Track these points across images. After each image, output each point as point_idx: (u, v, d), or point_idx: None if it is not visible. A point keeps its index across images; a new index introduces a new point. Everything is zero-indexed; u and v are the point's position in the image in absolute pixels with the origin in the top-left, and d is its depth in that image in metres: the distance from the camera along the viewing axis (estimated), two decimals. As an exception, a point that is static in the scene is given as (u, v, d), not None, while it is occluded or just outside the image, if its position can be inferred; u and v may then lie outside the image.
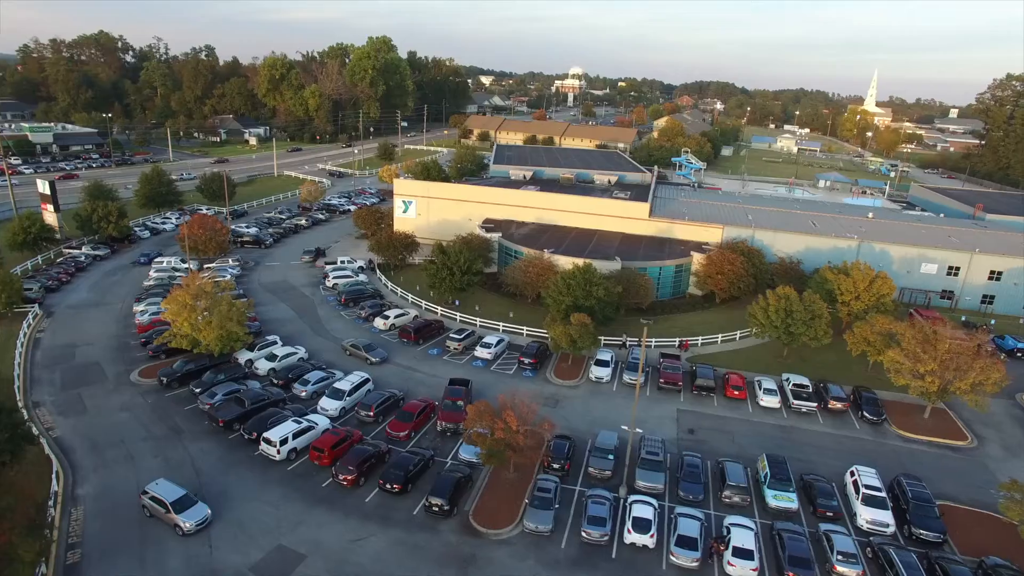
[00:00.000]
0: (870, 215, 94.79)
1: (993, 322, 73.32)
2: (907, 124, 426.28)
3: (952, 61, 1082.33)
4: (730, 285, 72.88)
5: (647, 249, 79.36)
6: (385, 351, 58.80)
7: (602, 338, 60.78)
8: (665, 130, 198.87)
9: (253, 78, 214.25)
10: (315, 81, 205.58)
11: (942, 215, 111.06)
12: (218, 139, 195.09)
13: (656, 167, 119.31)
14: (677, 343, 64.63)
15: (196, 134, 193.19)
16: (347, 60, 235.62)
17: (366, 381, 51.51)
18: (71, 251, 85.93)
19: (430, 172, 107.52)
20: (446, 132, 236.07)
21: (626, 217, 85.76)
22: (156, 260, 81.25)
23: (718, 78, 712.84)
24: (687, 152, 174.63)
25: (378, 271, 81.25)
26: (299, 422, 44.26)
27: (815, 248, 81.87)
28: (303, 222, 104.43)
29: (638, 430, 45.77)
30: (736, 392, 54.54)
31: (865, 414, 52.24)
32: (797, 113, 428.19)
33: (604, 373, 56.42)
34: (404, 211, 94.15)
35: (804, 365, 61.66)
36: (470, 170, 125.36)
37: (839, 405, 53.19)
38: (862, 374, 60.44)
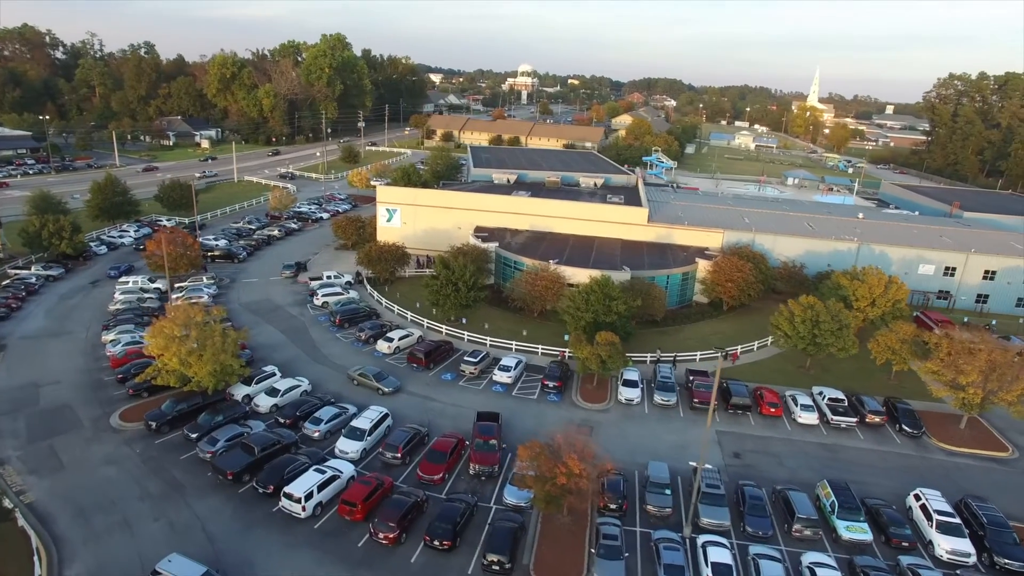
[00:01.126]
0: (860, 215, 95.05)
1: (994, 322, 73.85)
2: (848, 120, 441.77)
3: (886, 59, 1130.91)
4: (740, 293, 70.96)
5: (651, 257, 76.69)
6: (397, 379, 53.93)
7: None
8: (632, 129, 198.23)
9: (202, 77, 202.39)
10: (269, 80, 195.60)
11: (916, 212, 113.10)
12: (168, 142, 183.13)
13: (637, 168, 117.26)
14: (724, 354, 61.97)
15: (143, 137, 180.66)
16: (299, 59, 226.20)
17: (385, 416, 46.70)
18: (19, 272, 77.20)
19: (411, 178, 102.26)
20: (407, 132, 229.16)
21: (624, 223, 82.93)
22: (121, 280, 73.68)
23: (664, 75, 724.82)
24: (657, 151, 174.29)
25: (368, 285, 75.92)
26: (322, 471, 39.24)
27: (815, 251, 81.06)
28: (276, 232, 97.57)
29: (707, 466, 42.45)
30: (772, 409, 52.25)
31: (904, 427, 50.73)
32: (748, 110, 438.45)
33: (634, 394, 53.19)
34: (388, 220, 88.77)
35: (827, 375, 60.20)
36: (446, 173, 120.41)
37: (877, 419, 51.56)
38: (886, 383, 59.33)
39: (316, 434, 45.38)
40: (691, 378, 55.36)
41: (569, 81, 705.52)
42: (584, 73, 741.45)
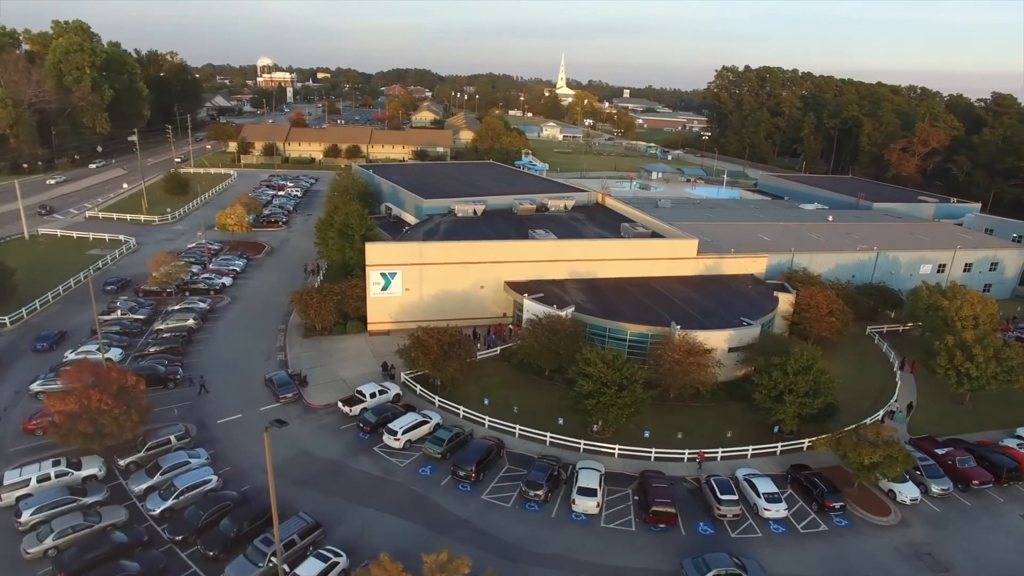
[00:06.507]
0: (830, 218, 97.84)
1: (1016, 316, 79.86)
2: (599, 103, 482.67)
3: (609, 47, 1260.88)
4: (842, 326, 65.78)
5: (730, 296, 67.41)
6: (752, 559, 36.28)
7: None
8: (484, 130, 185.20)
9: None
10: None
11: (815, 205, 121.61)
12: None
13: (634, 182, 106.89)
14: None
15: None
16: (20, 50, 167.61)
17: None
18: None
19: (365, 223, 75.84)
20: (209, 147, 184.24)
21: (673, 258, 72.34)
22: (11, 481, 40.77)
23: (406, 65, 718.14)
24: (528, 154, 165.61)
25: (437, 396, 53.44)
26: None
27: (843, 264, 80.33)
28: (190, 322, 65.93)
29: None
30: (1041, 476, 47.13)
31: None
32: (522, 98, 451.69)
33: (916, 492, 43.84)
34: (384, 287, 65.48)
35: (983, 408, 57.48)
36: (369, 203, 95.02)
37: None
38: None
39: None
40: (944, 451, 47.61)
41: (319, 75, 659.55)
42: (327, 66, 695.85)
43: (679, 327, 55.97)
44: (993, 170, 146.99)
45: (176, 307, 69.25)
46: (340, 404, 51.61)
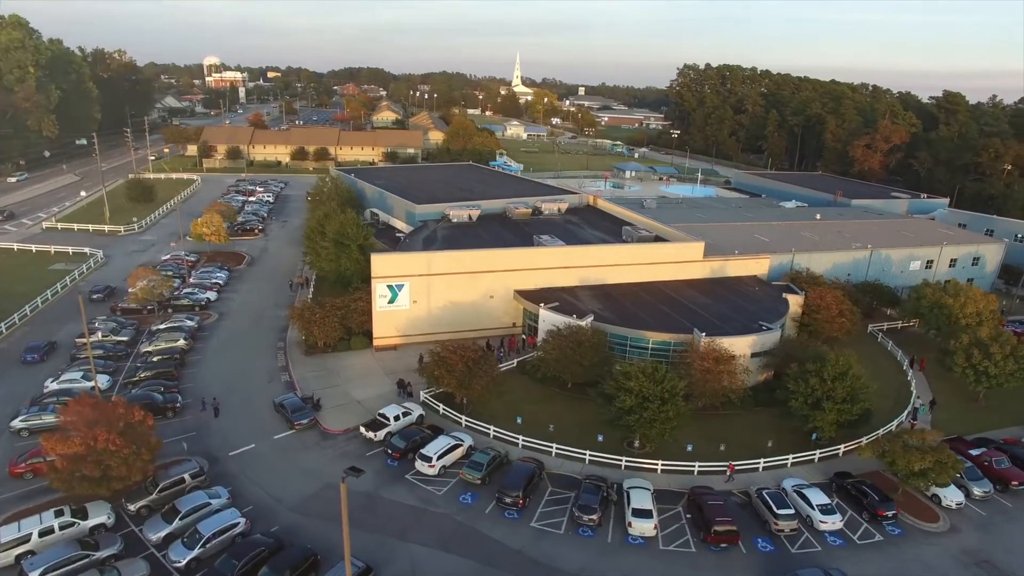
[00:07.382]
0: (818, 216, 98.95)
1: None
2: (558, 101, 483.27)
3: (560, 45, 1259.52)
4: (852, 326, 66.13)
5: (738, 299, 67.01)
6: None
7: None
8: (455, 131, 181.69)
9: None
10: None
11: (794, 202, 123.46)
12: None
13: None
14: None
15: None
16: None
17: None
18: None
19: (362, 232, 72.41)
20: (166, 150, 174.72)
21: (681, 261, 71.58)
22: (4, 541, 36.29)
23: (356, 63, 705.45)
24: (503, 154, 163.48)
25: (462, 415, 50.88)
26: None
27: (840, 263, 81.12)
28: (181, 343, 61.37)
29: None
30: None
31: None
32: (480, 97, 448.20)
33: (959, 495, 43.84)
34: (391, 300, 62.43)
35: (993, 404, 58.54)
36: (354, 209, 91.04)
37: None
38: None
39: None
40: (979, 452, 47.80)
41: (269, 74, 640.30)
42: (275, 65, 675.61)
43: (703, 334, 54.95)
44: (953, 166, 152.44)
45: (162, 326, 64.46)
46: (362, 429, 48.47)
